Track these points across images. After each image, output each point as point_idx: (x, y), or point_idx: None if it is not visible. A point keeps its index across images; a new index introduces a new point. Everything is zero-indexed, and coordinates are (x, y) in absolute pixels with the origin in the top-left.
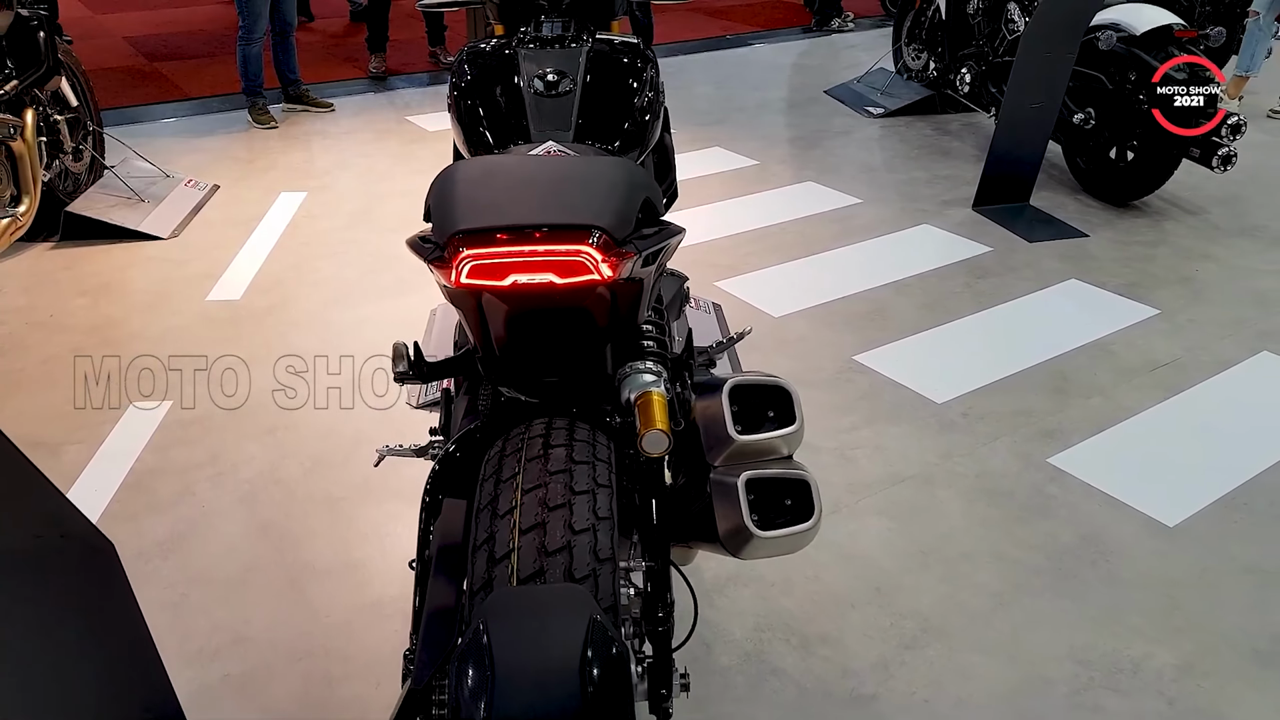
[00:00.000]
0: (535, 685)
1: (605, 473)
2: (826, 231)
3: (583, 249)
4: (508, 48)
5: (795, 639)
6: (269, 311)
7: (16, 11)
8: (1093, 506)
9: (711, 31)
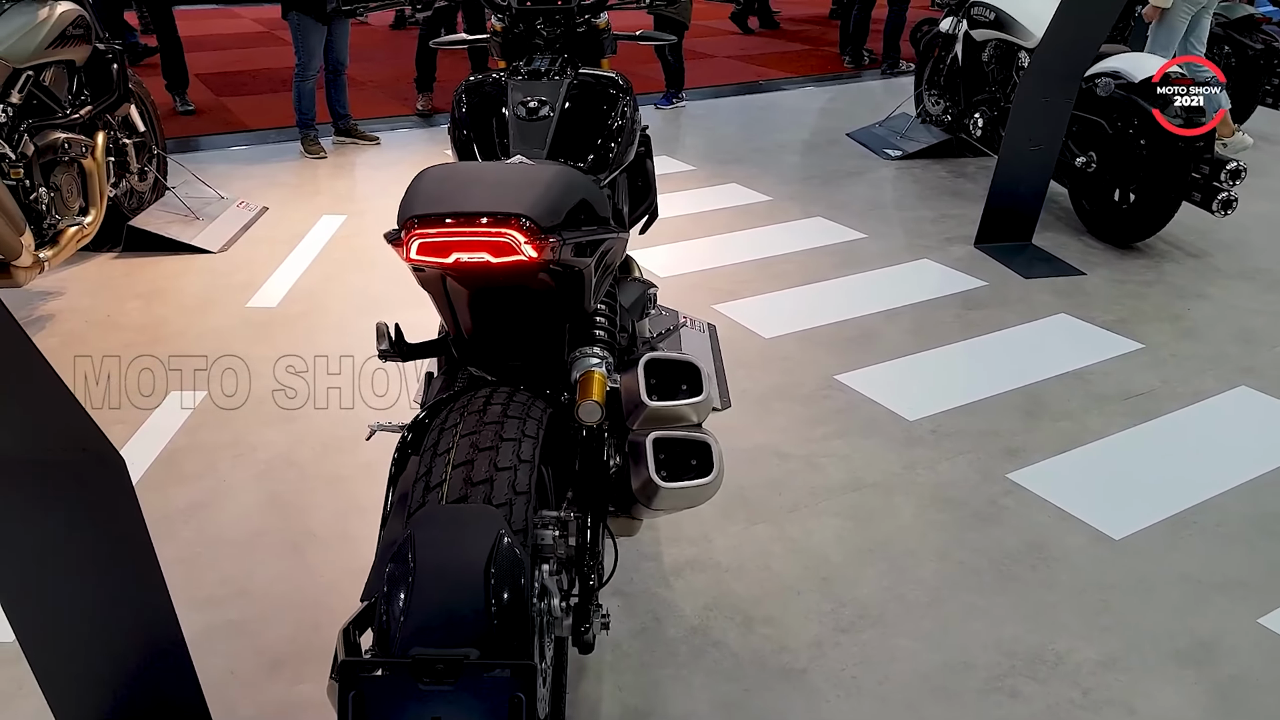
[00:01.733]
0: (447, 581)
1: (533, 427)
2: (827, 263)
3: (508, 231)
4: (500, 79)
5: (740, 618)
6: (301, 317)
7: (95, 46)
8: (1043, 518)
9: (745, 77)
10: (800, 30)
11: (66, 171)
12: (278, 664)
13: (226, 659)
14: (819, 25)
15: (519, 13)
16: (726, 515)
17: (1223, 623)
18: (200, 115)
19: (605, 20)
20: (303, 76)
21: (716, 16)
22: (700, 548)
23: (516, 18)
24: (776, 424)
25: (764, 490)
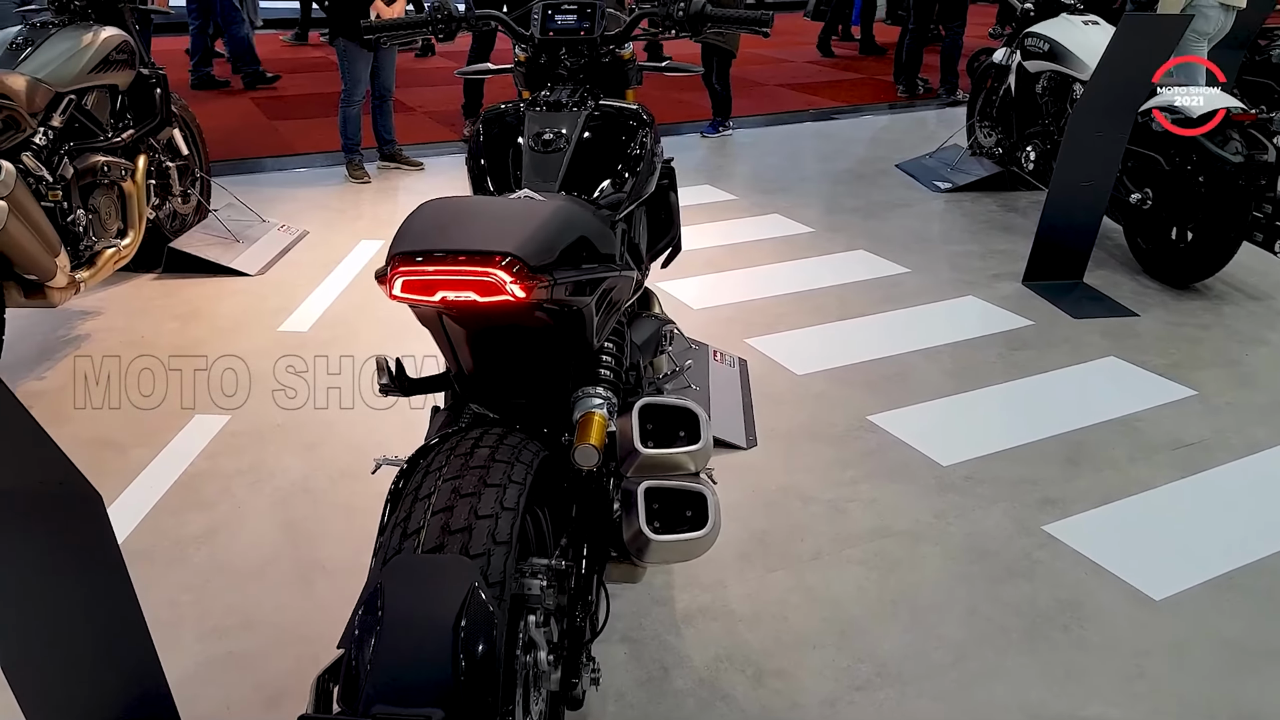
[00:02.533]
0: (415, 636)
1: (521, 473)
2: (867, 298)
3: (494, 271)
4: (519, 110)
5: (751, 670)
6: (330, 343)
7: (138, 71)
8: (1079, 574)
9: (796, 106)
10: (855, 59)
11: (106, 194)
12: (275, 700)
13: (225, 691)
14: (874, 54)
15: (542, 43)
16: (744, 560)
17: (1267, 694)
18: (249, 138)
19: (630, 51)
20: (348, 102)
21: (768, 45)
22: (714, 594)
23: (539, 48)
24: (803, 465)
25: (785, 535)
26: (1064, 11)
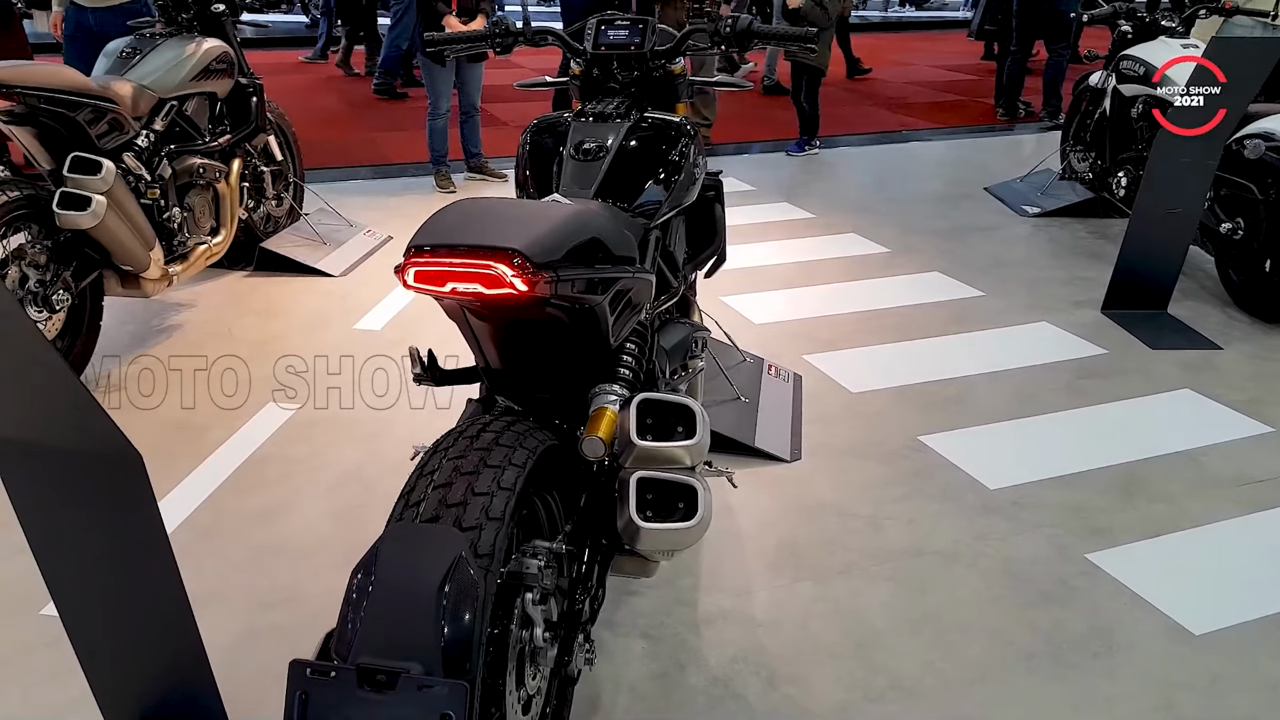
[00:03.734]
0: (401, 597)
1: (522, 457)
2: (935, 319)
3: (496, 265)
4: (566, 120)
5: (765, 674)
6: (401, 341)
7: (237, 80)
8: (1116, 604)
9: (888, 126)
10: (957, 80)
11: (201, 194)
12: None
13: (262, 660)
14: (976, 75)
15: (594, 57)
16: (773, 569)
17: None
18: (352, 147)
19: (681, 66)
20: (433, 115)
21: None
22: (738, 599)
23: (592, 62)
24: (845, 481)
25: (817, 548)
26: (1163, 34)
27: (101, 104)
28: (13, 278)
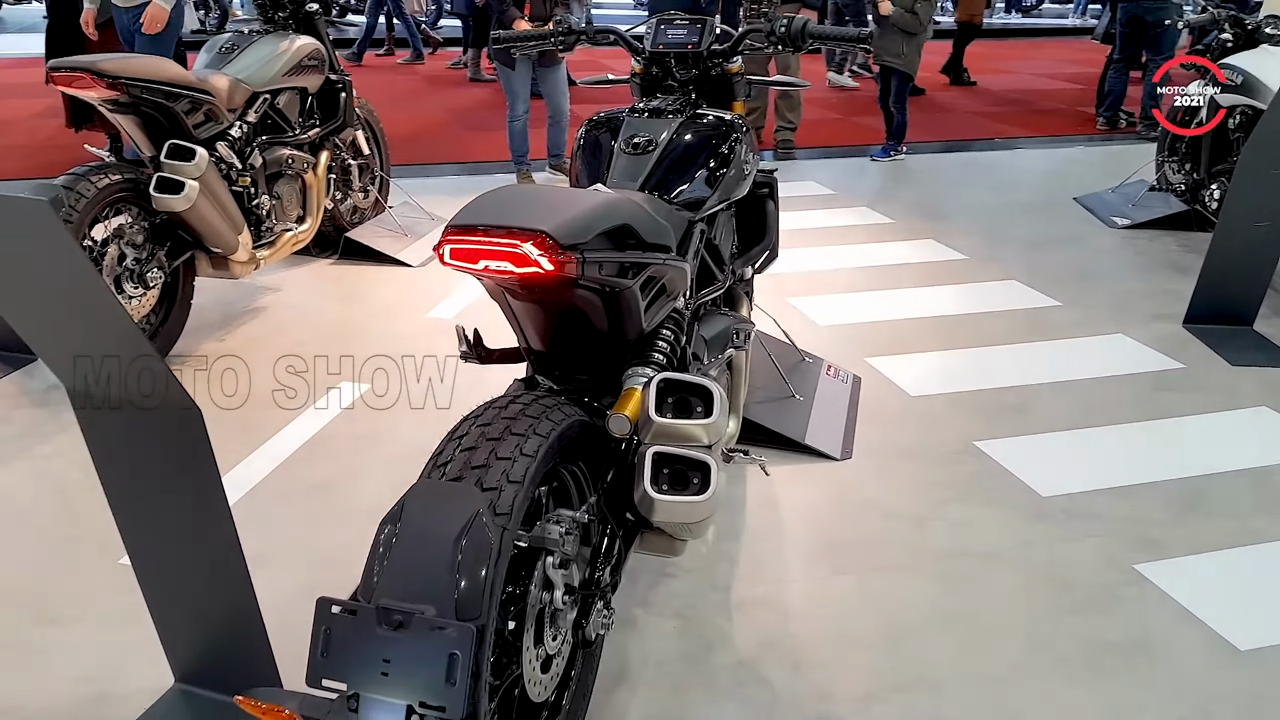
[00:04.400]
0: (421, 546)
1: (547, 428)
2: (1006, 327)
3: (522, 244)
4: (621, 116)
5: (791, 660)
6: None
7: (327, 76)
8: (1161, 615)
9: (980, 134)
10: (1060, 89)
11: (289, 184)
12: None
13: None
14: (1081, 84)
15: (653, 56)
16: (811, 562)
17: None
18: (439, 145)
19: (739, 65)
20: (511, 117)
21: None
22: (774, 588)
23: (651, 60)
24: (894, 482)
25: (859, 544)
26: (1265, 43)
27: (198, 95)
28: (112, 255)
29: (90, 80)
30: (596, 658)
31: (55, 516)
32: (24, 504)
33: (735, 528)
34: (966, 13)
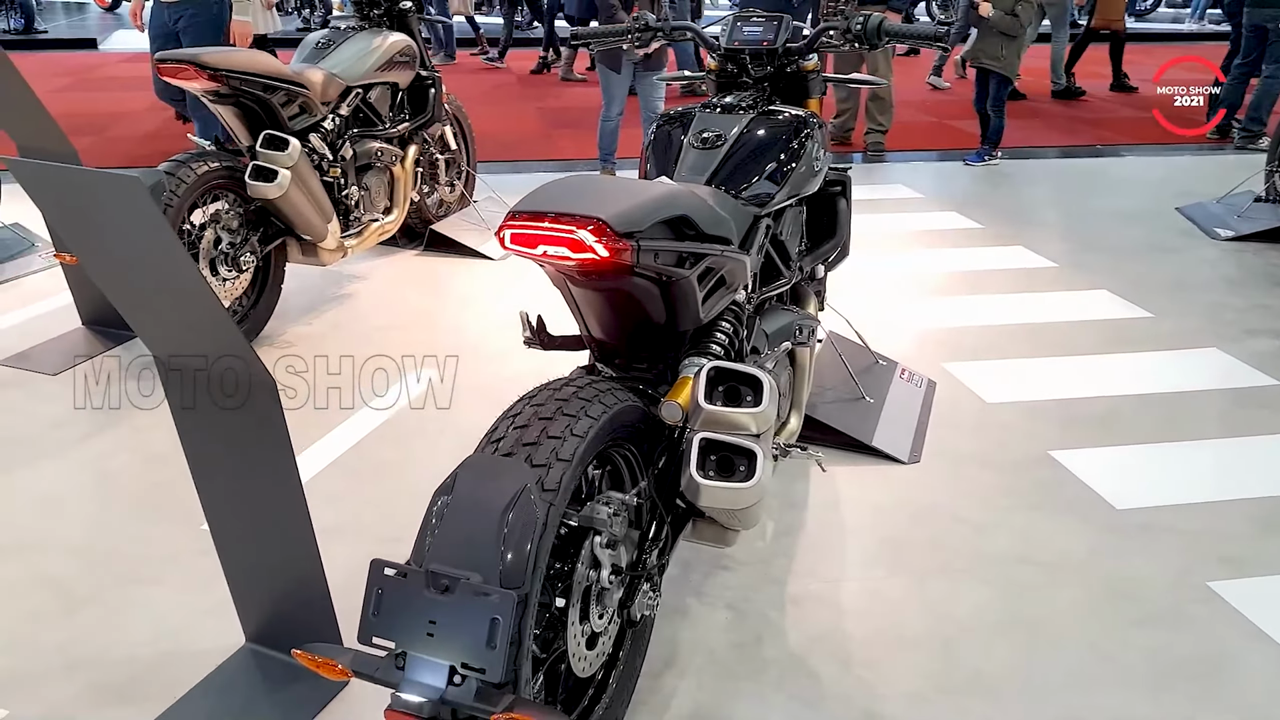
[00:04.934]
0: (471, 516)
1: (598, 410)
2: (1093, 337)
3: (579, 231)
4: (693, 112)
5: (842, 656)
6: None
7: (418, 72)
8: (1232, 634)
9: (1081, 140)
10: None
11: (378, 176)
12: None
13: None
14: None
15: (727, 53)
16: (870, 562)
17: None
18: (522, 143)
19: (815, 62)
20: (605, 117)
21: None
22: (830, 586)
23: (725, 57)
24: (962, 488)
25: (919, 546)
26: None
27: (293, 88)
28: (208, 239)
29: (193, 72)
30: (645, 640)
31: (147, 483)
32: (118, 470)
33: (794, 524)
34: (1105, 18)
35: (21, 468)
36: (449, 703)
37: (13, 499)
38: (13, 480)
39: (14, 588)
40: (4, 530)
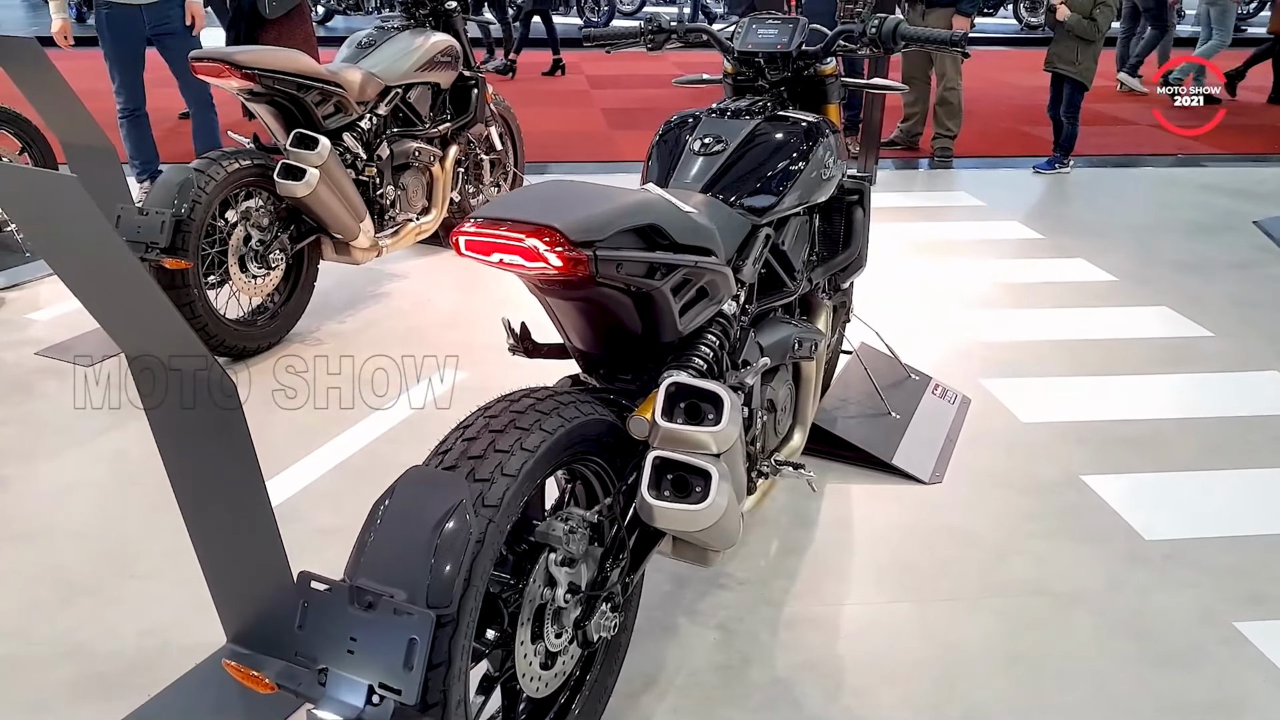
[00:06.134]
0: (401, 531)
1: (554, 424)
2: (1145, 356)
3: (527, 239)
4: (699, 115)
5: (831, 684)
6: None
7: (460, 72)
8: (1254, 679)
9: (1163, 149)
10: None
11: (416, 175)
12: None
13: None
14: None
15: (741, 56)
16: (874, 586)
17: None
18: (579, 144)
19: (832, 66)
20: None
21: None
22: (827, 609)
23: (740, 60)
24: (982, 509)
25: (929, 570)
26: None
27: (328, 87)
28: (238, 236)
29: (228, 70)
30: (619, 660)
31: (160, 478)
32: (134, 465)
33: (801, 543)
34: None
35: (45, 456)
36: None
37: (34, 486)
38: (35, 468)
39: (18, 575)
40: (18, 518)
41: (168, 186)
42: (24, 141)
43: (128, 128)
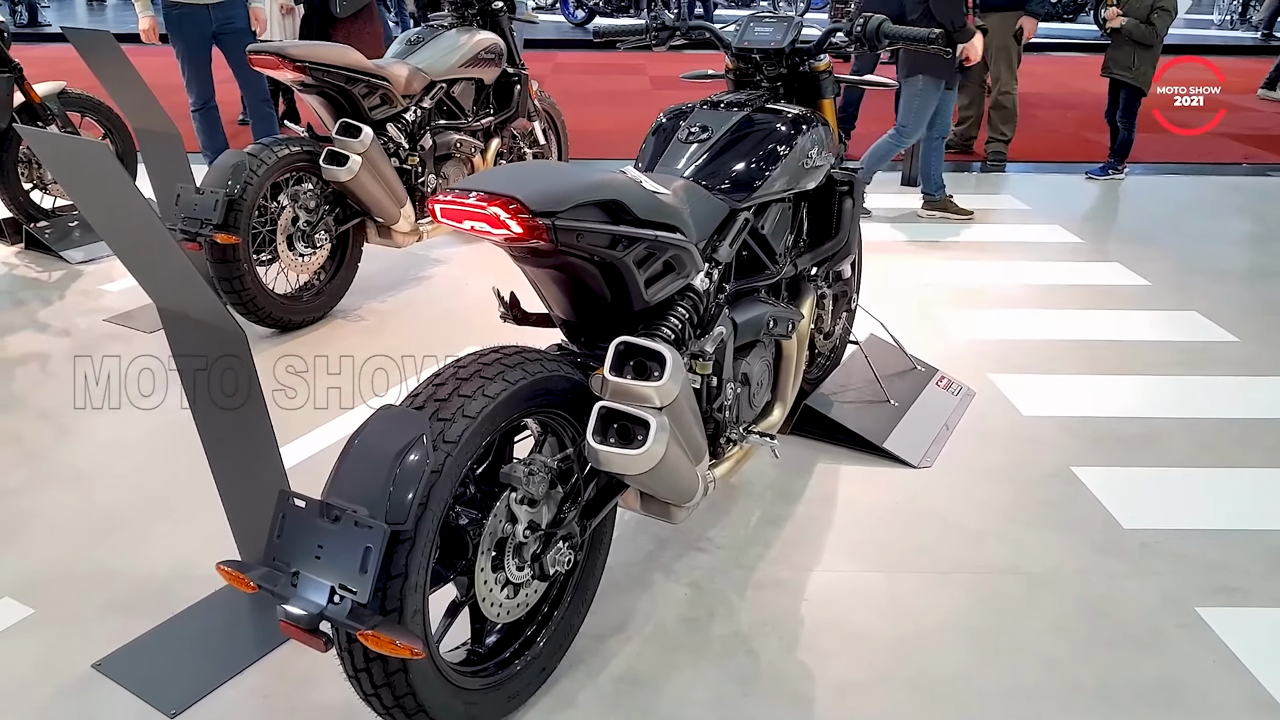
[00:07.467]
0: (367, 457)
1: (517, 376)
2: (1163, 359)
3: (490, 207)
4: (693, 107)
5: (787, 640)
6: None
7: (504, 69)
8: (1206, 663)
9: (1228, 157)
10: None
11: (457, 166)
12: None
13: None
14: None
15: (738, 52)
16: (844, 556)
17: None
18: (630, 140)
19: (826, 63)
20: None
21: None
22: (796, 574)
23: (738, 57)
24: (967, 495)
25: (903, 548)
26: None
27: (374, 81)
28: (286, 216)
29: (281, 63)
30: (586, 602)
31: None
32: (184, 421)
33: (782, 515)
34: None
35: (106, 413)
36: (326, 617)
37: (90, 436)
38: (95, 421)
39: (69, 510)
40: (72, 463)
41: (223, 168)
42: (106, 128)
43: (199, 120)
